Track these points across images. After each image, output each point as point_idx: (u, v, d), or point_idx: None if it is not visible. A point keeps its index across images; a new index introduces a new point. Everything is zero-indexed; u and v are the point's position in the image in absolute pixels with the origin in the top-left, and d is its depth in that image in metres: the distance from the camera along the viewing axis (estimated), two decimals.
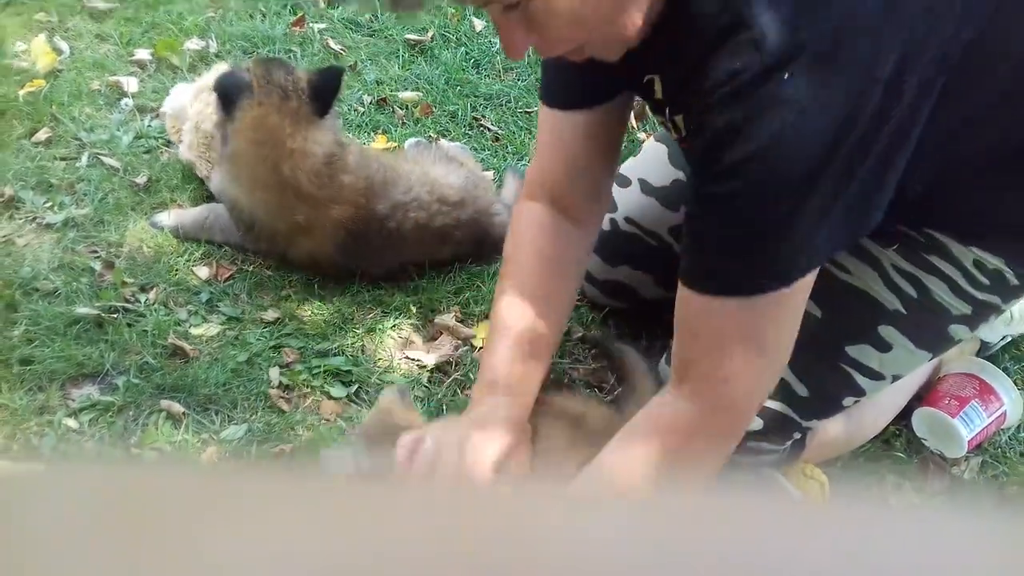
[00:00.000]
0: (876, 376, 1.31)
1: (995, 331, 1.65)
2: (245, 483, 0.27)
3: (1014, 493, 1.30)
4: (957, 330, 1.30)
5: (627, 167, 1.62)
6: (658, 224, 1.57)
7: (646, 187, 1.59)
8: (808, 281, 1.07)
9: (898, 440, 1.58)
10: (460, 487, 0.29)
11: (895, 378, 1.34)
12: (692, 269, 1.09)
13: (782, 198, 0.99)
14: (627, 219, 1.60)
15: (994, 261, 1.23)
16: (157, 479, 0.26)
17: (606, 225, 1.60)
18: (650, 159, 1.62)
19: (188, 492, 0.24)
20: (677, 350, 1.15)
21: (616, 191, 1.53)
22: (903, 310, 1.26)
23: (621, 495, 1.14)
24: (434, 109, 2.16)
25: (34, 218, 1.76)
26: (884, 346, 1.28)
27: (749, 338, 1.10)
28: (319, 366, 1.58)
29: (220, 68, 1.88)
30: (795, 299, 1.08)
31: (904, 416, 1.59)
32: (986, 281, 1.24)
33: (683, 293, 1.10)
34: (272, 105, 1.61)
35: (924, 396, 1.60)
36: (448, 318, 1.69)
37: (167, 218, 1.77)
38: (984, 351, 1.68)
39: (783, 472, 1.41)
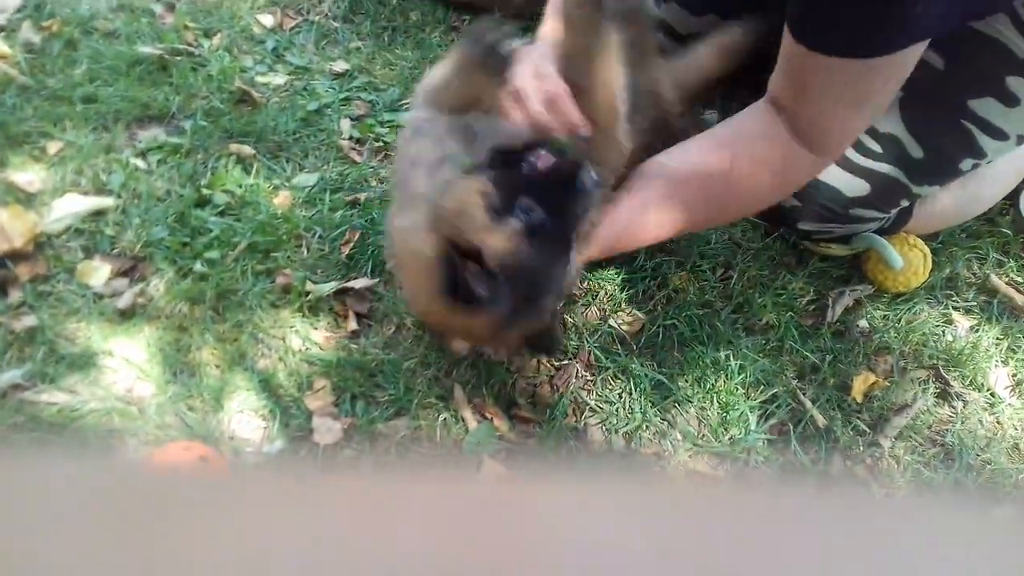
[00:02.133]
0: (1000, 135, 1.18)
1: None
2: (244, 482, 0.26)
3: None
4: None
5: None
6: None
7: None
8: (923, 45, 0.96)
9: (1004, 218, 1.48)
10: (463, 487, 0.23)
11: (1020, 139, 1.21)
12: (807, 20, 0.95)
13: None
14: None
15: None
16: (157, 478, 0.25)
17: None
18: None
19: (188, 491, 0.24)
20: (779, 89, 1.06)
21: None
22: None
23: (701, 199, 1.09)
24: None
25: None
26: (1011, 99, 1.15)
27: (857, 98, 1.01)
28: (391, 120, 1.49)
29: None
30: (909, 61, 0.97)
31: (1011, 195, 1.48)
32: None
33: (793, 46, 0.98)
34: None
35: None
36: None
37: None
38: None
39: (887, 239, 1.31)
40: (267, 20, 1.62)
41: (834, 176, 1.24)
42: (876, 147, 1.21)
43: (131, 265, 1.24)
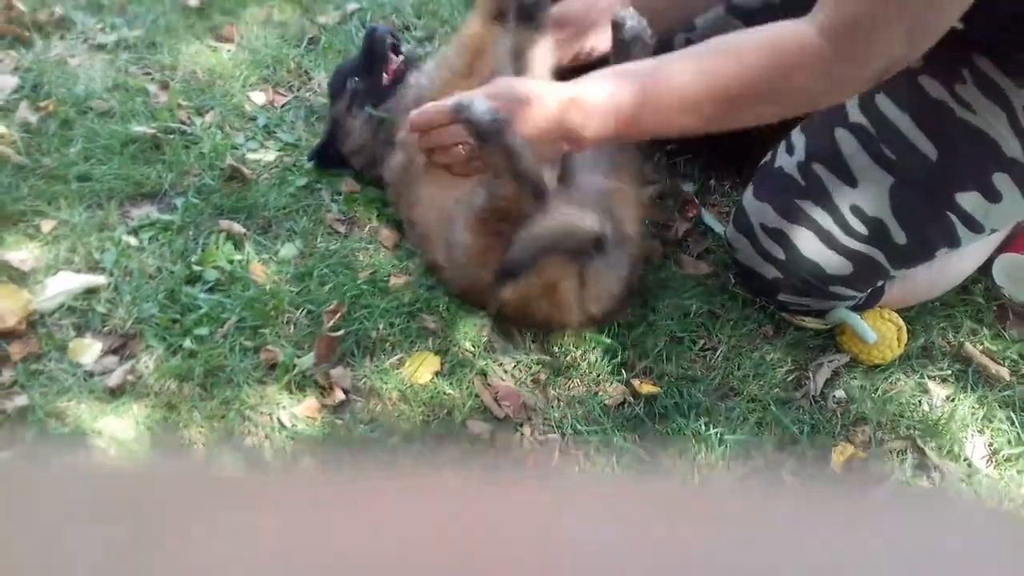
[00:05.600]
0: (977, 228, 1.23)
1: None
2: (243, 481, 0.27)
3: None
4: None
5: None
6: None
7: None
8: None
9: (977, 287, 1.51)
10: (459, 489, 0.26)
11: (992, 231, 1.27)
12: None
13: None
14: None
15: None
16: (156, 478, 0.26)
17: None
18: None
19: (186, 491, 0.24)
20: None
21: None
22: (1021, 159, 1.16)
23: (688, 95, 1.04)
24: None
25: (85, 39, 1.71)
26: (995, 195, 1.19)
27: (915, 14, 0.94)
28: (378, 196, 1.53)
29: None
30: None
31: (983, 267, 1.52)
32: None
33: None
34: None
35: (1005, 245, 1.52)
36: None
37: None
38: None
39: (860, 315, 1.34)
40: (258, 98, 1.67)
41: (818, 252, 1.27)
42: (862, 229, 1.24)
43: (121, 343, 1.26)
